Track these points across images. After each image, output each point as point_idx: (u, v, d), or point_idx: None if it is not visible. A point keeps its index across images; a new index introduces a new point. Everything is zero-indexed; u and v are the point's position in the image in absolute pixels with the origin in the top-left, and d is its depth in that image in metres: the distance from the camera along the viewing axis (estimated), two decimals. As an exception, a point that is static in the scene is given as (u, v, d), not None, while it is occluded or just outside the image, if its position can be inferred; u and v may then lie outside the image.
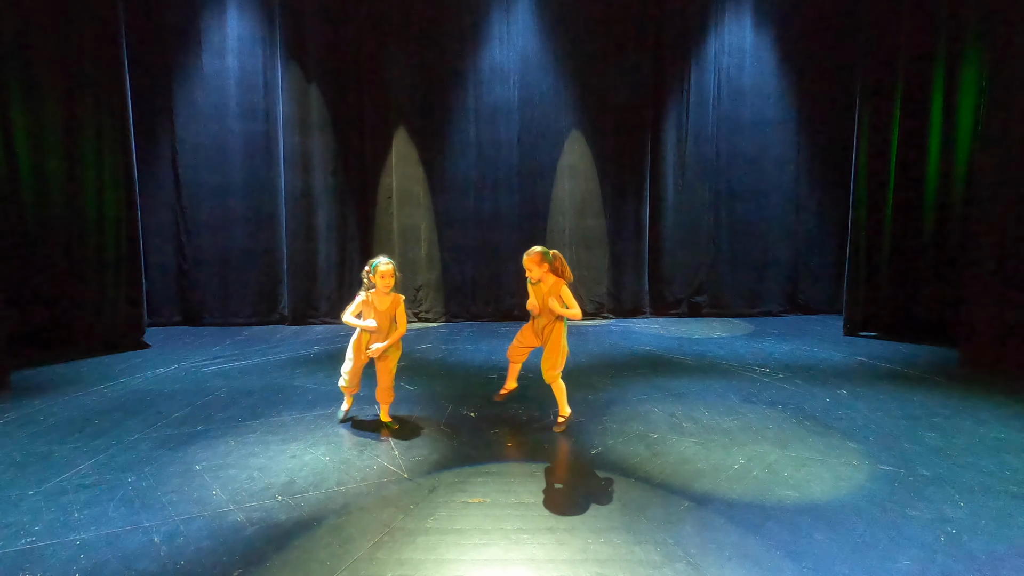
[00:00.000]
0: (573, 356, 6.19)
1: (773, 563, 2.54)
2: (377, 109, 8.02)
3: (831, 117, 8.30)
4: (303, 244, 8.01)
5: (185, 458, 3.64)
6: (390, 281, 3.94)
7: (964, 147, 6.50)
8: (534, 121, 8.22)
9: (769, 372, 5.55)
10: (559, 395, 4.13)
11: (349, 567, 2.53)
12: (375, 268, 3.93)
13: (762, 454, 3.66)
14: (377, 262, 3.95)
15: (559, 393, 4.12)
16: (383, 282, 3.92)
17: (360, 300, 3.99)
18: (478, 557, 2.61)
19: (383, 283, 3.92)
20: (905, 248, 7.00)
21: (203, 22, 7.70)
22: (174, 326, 7.87)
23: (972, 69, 6.32)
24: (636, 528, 2.82)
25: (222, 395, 4.90)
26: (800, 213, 8.57)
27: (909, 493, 3.15)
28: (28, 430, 4.11)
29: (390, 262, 3.97)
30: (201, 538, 2.75)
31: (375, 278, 3.93)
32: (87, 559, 2.58)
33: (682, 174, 8.45)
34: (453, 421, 4.30)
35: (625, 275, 8.48)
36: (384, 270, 3.91)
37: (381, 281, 3.92)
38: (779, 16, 8.25)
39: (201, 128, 7.82)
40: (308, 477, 3.39)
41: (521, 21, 8.11)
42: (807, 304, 8.66)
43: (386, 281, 3.92)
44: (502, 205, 8.27)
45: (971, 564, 2.53)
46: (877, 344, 6.70)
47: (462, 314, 8.36)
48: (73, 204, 6.43)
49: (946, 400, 4.68)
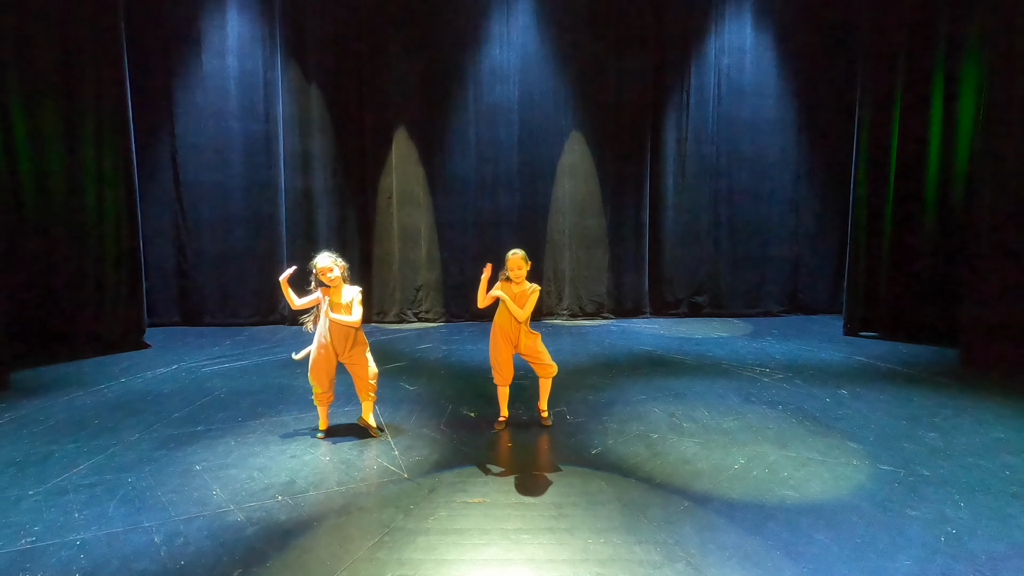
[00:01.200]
0: (574, 356, 6.22)
1: (773, 563, 2.54)
2: (377, 109, 8.02)
3: (831, 117, 8.31)
4: (303, 244, 8.00)
5: (185, 458, 3.64)
6: (334, 274, 3.86)
7: (964, 147, 6.50)
8: (534, 121, 8.22)
9: (769, 372, 5.55)
10: (548, 389, 4.17)
11: (349, 567, 2.53)
12: (315, 266, 3.88)
13: (762, 454, 3.66)
14: (316, 260, 3.89)
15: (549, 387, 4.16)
16: (326, 277, 3.87)
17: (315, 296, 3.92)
18: (478, 557, 2.61)
19: (327, 278, 3.87)
20: (905, 248, 7.00)
21: (203, 22, 7.70)
22: (174, 326, 7.87)
23: (972, 69, 6.32)
24: (636, 528, 2.82)
25: (222, 395, 4.90)
26: (800, 213, 8.57)
27: (909, 493, 3.15)
28: (28, 430, 4.11)
29: (329, 255, 3.90)
30: (201, 538, 2.75)
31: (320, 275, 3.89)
32: (87, 559, 2.59)
33: (682, 174, 8.45)
34: (453, 421, 4.30)
35: (625, 275, 8.48)
36: (323, 265, 3.86)
37: (324, 276, 3.88)
38: (779, 16, 8.25)
39: (201, 128, 7.82)
40: (308, 477, 3.39)
41: (521, 21, 8.11)
42: (807, 304, 8.66)
43: (327, 275, 3.86)
44: (502, 205, 8.27)
45: (971, 564, 2.53)
46: (877, 344, 6.70)
47: (462, 314, 8.36)
48: (73, 204, 6.43)
49: (946, 400, 4.68)
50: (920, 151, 6.84)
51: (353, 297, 3.94)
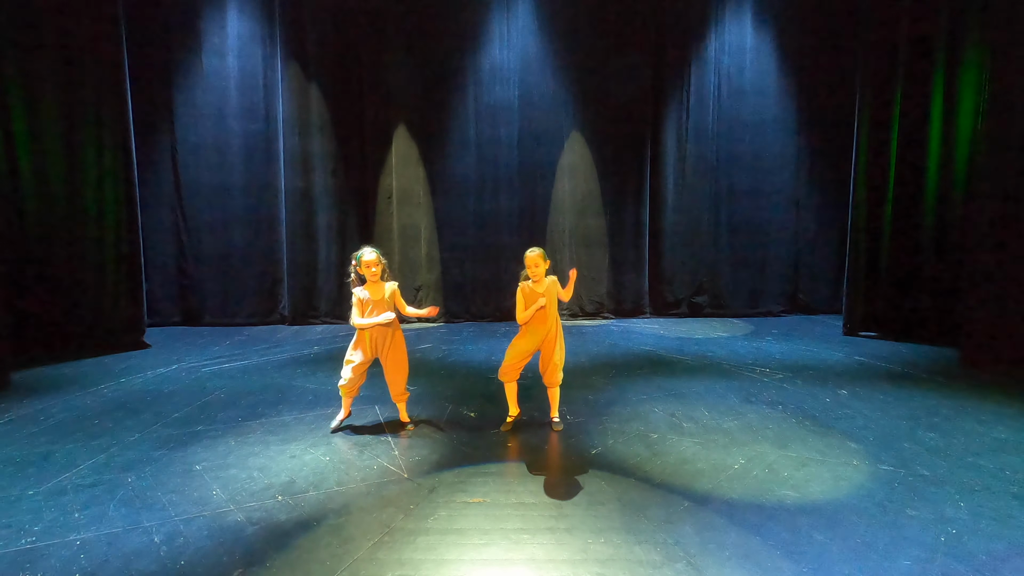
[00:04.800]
0: (574, 356, 6.22)
1: (773, 563, 2.54)
2: (377, 109, 8.02)
3: (831, 117, 8.30)
4: (303, 244, 8.01)
5: (185, 458, 3.64)
6: (377, 269, 3.93)
7: (964, 147, 6.49)
8: (534, 121, 8.22)
9: (769, 372, 5.55)
10: (558, 396, 4.15)
11: (349, 567, 2.53)
12: (359, 259, 3.94)
13: (762, 454, 3.66)
14: (360, 253, 3.95)
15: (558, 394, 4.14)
16: (370, 272, 3.91)
17: (357, 299, 3.96)
18: (478, 557, 2.61)
19: (370, 273, 3.92)
20: (905, 248, 6.99)
21: (203, 22, 7.70)
22: (174, 326, 7.87)
23: (972, 69, 6.32)
24: (636, 528, 2.82)
25: (222, 395, 4.90)
26: (800, 213, 8.57)
27: (909, 493, 3.15)
28: (28, 430, 4.11)
29: (374, 251, 3.96)
30: (201, 538, 2.75)
31: (362, 270, 3.94)
32: (87, 559, 2.58)
33: (682, 174, 8.45)
34: (453, 421, 4.30)
35: (625, 275, 8.48)
36: (369, 259, 3.91)
37: (368, 271, 3.92)
38: (779, 16, 8.25)
39: (201, 128, 7.82)
40: (308, 477, 3.39)
41: (521, 21, 8.11)
42: (807, 304, 8.66)
43: (372, 270, 3.91)
44: (502, 205, 8.27)
45: (971, 564, 2.52)
46: (877, 344, 6.70)
47: (462, 314, 8.36)
48: (73, 204, 6.43)
49: (946, 400, 4.68)
50: (920, 151, 6.84)
51: (393, 291, 4.01)
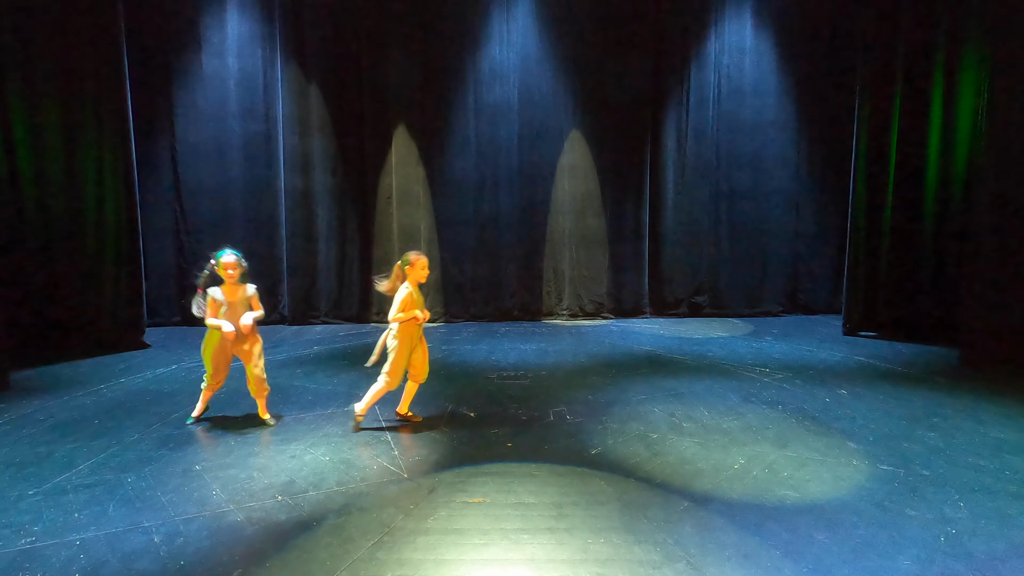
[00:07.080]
0: (574, 356, 6.22)
1: (773, 563, 2.54)
2: (377, 109, 8.01)
3: (831, 117, 8.30)
4: (303, 244, 8.01)
5: (185, 458, 3.64)
6: (235, 272, 3.96)
7: (963, 147, 6.49)
8: (534, 121, 8.22)
9: (769, 372, 5.55)
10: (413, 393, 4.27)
11: (349, 567, 2.53)
12: (218, 260, 3.95)
13: (762, 454, 3.66)
14: (221, 254, 3.97)
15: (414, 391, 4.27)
16: (227, 273, 3.94)
17: (211, 298, 3.96)
18: (478, 557, 2.61)
19: (227, 275, 3.94)
20: (905, 248, 7.00)
21: (203, 22, 7.70)
22: (174, 326, 7.87)
23: (972, 69, 6.32)
24: (636, 528, 2.82)
25: (222, 395, 4.90)
26: (800, 213, 8.57)
27: (909, 493, 3.15)
28: (28, 430, 4.11)
29: (233, 253, 4.00)
30: (201, 538, 2.75)
31: (219, 271, 3.95)
32: (87, 559, 2.58)
33: (682, 174, 8.45)
34: (453, 421, 4.30)
35: (625, 275, 8.48)
36: (227, 261, 3.94)
37: (225, 273, 3.94)
38: (779, 16, 8.25)
39: (201, 128, 7.82)
40: (308, 477, 3.38)
41: (521, 21, 8.10)
42: (807, 304, 8.65)
43: (229, 272, 3.94)
44: (502, 205, 8.27)
45: (971, 564, 2.53)
46: (877, 344, 6.70)
47: (462, 314, 8.36)
48: (73, 204, 6.43)
49: (946, 400, 4.68)
50: (920, 151, 6.84)
51: (253, 294, 4.06)
